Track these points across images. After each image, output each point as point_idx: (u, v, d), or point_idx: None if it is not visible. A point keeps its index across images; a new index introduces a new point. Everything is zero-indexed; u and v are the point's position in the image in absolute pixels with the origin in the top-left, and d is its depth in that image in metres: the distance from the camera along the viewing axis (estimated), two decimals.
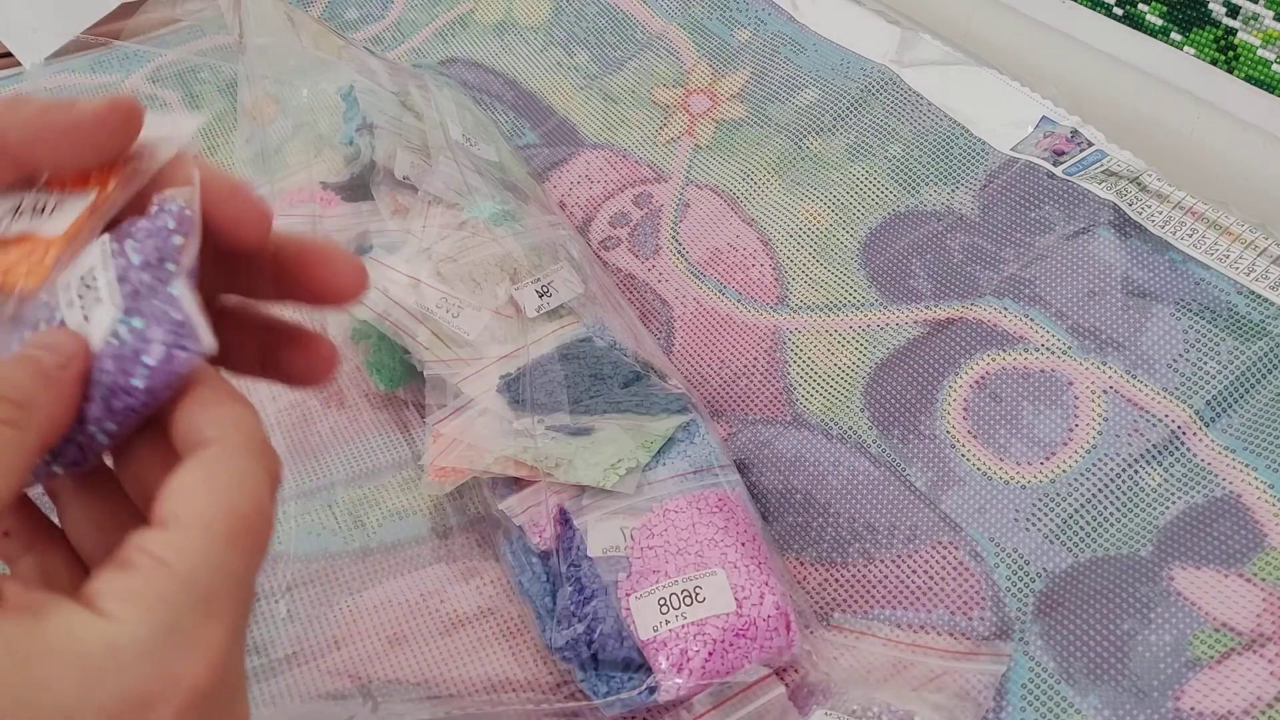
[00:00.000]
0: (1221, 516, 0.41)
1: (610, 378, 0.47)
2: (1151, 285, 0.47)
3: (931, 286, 0.51)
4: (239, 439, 0.23)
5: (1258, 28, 0.49)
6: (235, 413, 0.23)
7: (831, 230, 0.55)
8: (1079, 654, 0.39)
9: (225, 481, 0.22)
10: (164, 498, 0.22)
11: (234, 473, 0.22)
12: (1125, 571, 0.41)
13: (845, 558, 0.44)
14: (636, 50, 0.66)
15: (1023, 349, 0.47)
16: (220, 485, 0.22)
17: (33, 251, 0.25)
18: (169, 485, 0.22)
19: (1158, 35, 0.54)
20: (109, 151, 0.25)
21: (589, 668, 0.39)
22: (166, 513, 0.22)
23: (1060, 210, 0.51)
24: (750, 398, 0.51)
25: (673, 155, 0.61)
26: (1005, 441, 0.45)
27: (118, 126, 0.25)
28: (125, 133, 0.25)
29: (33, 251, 0.25)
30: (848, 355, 0.51)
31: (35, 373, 0.22)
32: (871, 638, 0.41)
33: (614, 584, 0.40)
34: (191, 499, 0.22)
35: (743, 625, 0.39)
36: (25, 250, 0.25)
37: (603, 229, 0.59)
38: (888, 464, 0.46)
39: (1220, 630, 0.38)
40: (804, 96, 0.61)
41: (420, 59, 0.71)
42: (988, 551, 0.43)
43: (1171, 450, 0.43)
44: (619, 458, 0.43)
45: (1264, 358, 0.44)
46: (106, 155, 0.25)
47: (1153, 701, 0.37)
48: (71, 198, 0.26)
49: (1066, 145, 0.54)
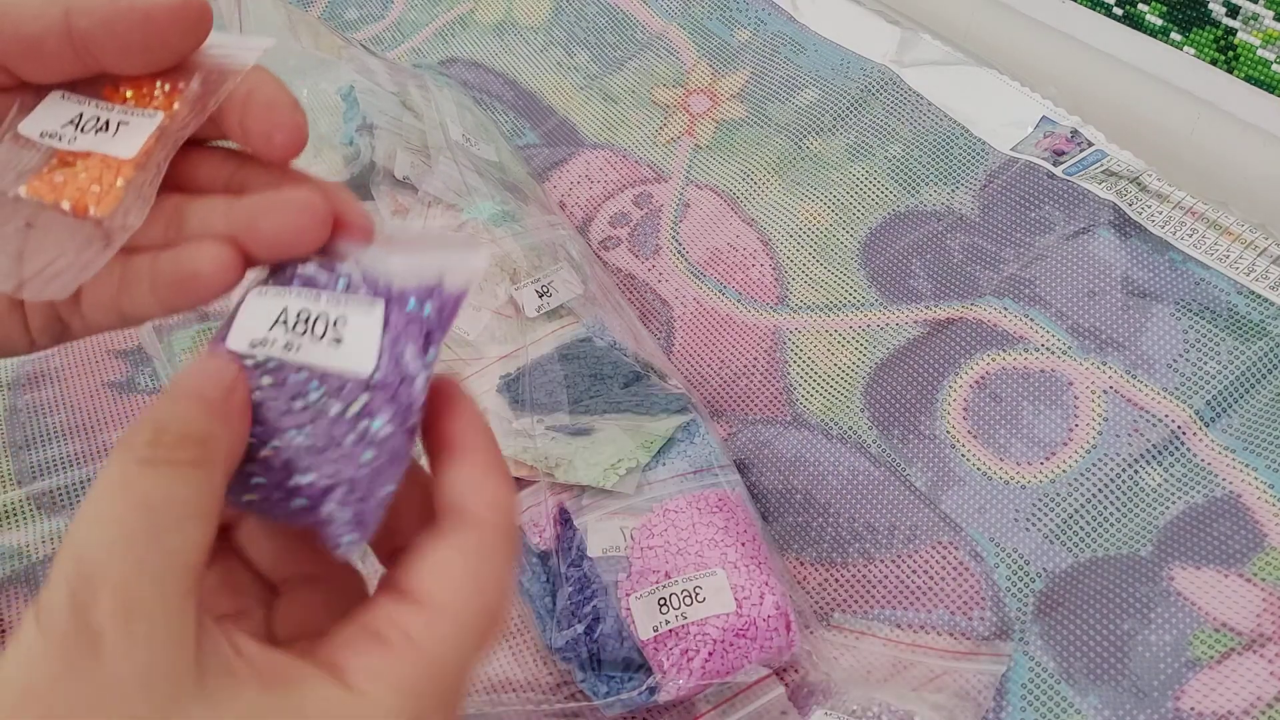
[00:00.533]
0: (1221, 516, 0.41)
1: (610, 378, 0.47)
2: (1151, 285, 0.47)
3: (931, 286, 0.51)
4: (504, 527, 0.22)
5: (1258, 28, 0.49)
6: (504, 493, 0.22)
7: (831, 230, 0.55)
8: (1079, 654, 0.39)
9: (486, 572, 0.21)
10: (421, 571, 0.21)
11: (494, 565, 0.22)
12: (1125, 571, 0.41)
13: (845, 558, 0.44)
14: (636, 50, 0.66)
15: (1023, 349, 0.47)
16: (481, 576, 0.21)
17: (103, 173, 0.24)
18: (428, 558, 0.22)
19: (1158, 35, 0.54)
20: (177, 52, 0.24)
21: (589, 668, 0.39)
22: (423, 590, 0.21)
23: (1060, 210, 0.51)
24: (750, 398, 0.51)
25: (673, 155, 0.61)
26: (1005, 441, 0.45)
27: (189, 26, 0.24)
28: (195, 34, 0.24)
29: (103, 173, 0.24)
30: (848, 355, 0.51)
31: (203, 406, 0.21)
32: (871, 638, 0.41)
33: (614, 584, 0.40)
34: (451, 583, 0.21)
35: (743, 625, 0.39)
36: (94, 171, 0.24)
37: (603, 229, 0.59)
38: (888, 464, 0.46)
39: (1220, 630, 0.38)
40: (804, 96, 0.61)
41: (420, 59, 0.71)
42: (988, 551, 0.43)
43: (1171, 450, 0.43)
44: (619, 458, 0.43)
45: (1264, 358, 0.44)
46: (174, 56, 0.24)
47: (1153, 701, 0.37)
48: (137, 116, 0.24)
49: (1066, 145, 0.54)
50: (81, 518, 0.19)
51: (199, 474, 0.20)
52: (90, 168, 0.24)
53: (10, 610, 0.43)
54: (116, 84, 0.25)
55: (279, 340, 0.22)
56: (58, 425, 0.49)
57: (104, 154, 0.24)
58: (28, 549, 0.45)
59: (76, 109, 0.25)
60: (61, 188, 0.24)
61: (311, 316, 0.22)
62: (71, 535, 0.19)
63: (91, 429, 0.49)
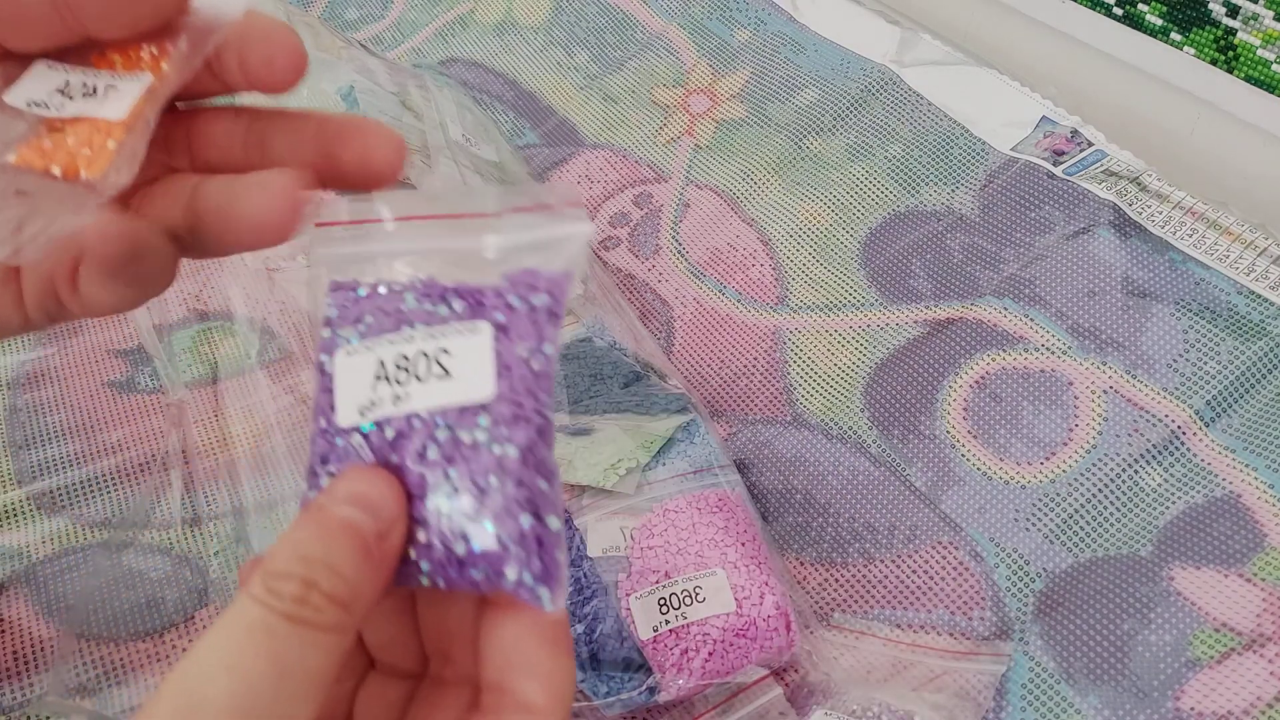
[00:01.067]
0: (1221, 516, 0.41)
1: (610, 378, 0.47)
2: (1151, 285, 0.47)
3: (931, 286, 0.51)
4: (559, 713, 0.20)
5: (1258, 28, 0.49)
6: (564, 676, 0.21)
7: (831, 230, 0.55)
8: (1079, 654, 0.39)
9: None
10: None
11: None
12: (1125, 571, 0.41)
13: (845, 558, 0.44)
14: (636, 50, 0.66)
15: (1023, 349, 0.47)
16: None
17: (93, 136, 0.23)
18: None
19: (1158, 35, 0.54)
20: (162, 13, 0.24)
21: (589, 668, 0.39)
22: None
23: (1060, 210, 0.51)
24: (750, 398, 0.51)
25: (673, 155, 0.61)
26: (1005, 441, 0.45)
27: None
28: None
29: (93, 136, 0.23)
30: (848, 355, 0.51)
31: (358, 553, 0.19)
32: (871, 638, 0.41)
33: (614, 584, 0.40)
34: None
35: (743, 625, 0.39)
36: (84, 135, 0.23)
37: (603, 229, 0.59)
38: (888, 464, 0.46)
39: (1220, 630, 0.38)
40: (804, 96, 0.61)
41: (420, 59, 0.71)
42: (988, 551, 0.43)
43: (1171, 450, 0.43)
44: (619, 458, 0.43)
45: (1264, 358, 0.44)
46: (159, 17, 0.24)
47: (1153, 701, 0.37)
48: (125, 79, 0.24)
49: (1066, 145, 0.54)
50: (209, 649, 0.18)
51: (338, 641, 0.19)
52: (79, 132, 0.24)
53: (10, 610, 0.43)
54: (103, 51, 0.25)
55: (386, 396, 0.20)
56: (58, 425, 0.49)
57: (93, 118, 0.24)
58: (28, 549, 0.45)
59: (63, 77, 0.24)
60: (51, 153, 0.23)
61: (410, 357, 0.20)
62: (195, 663, 0.18)
63: (91, 429, 0.49)
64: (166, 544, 0.46)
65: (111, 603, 0.43)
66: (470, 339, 0.20)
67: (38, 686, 0.41)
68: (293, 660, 0.18)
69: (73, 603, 0.43)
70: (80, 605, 0.43)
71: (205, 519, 0.47)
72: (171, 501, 0.47)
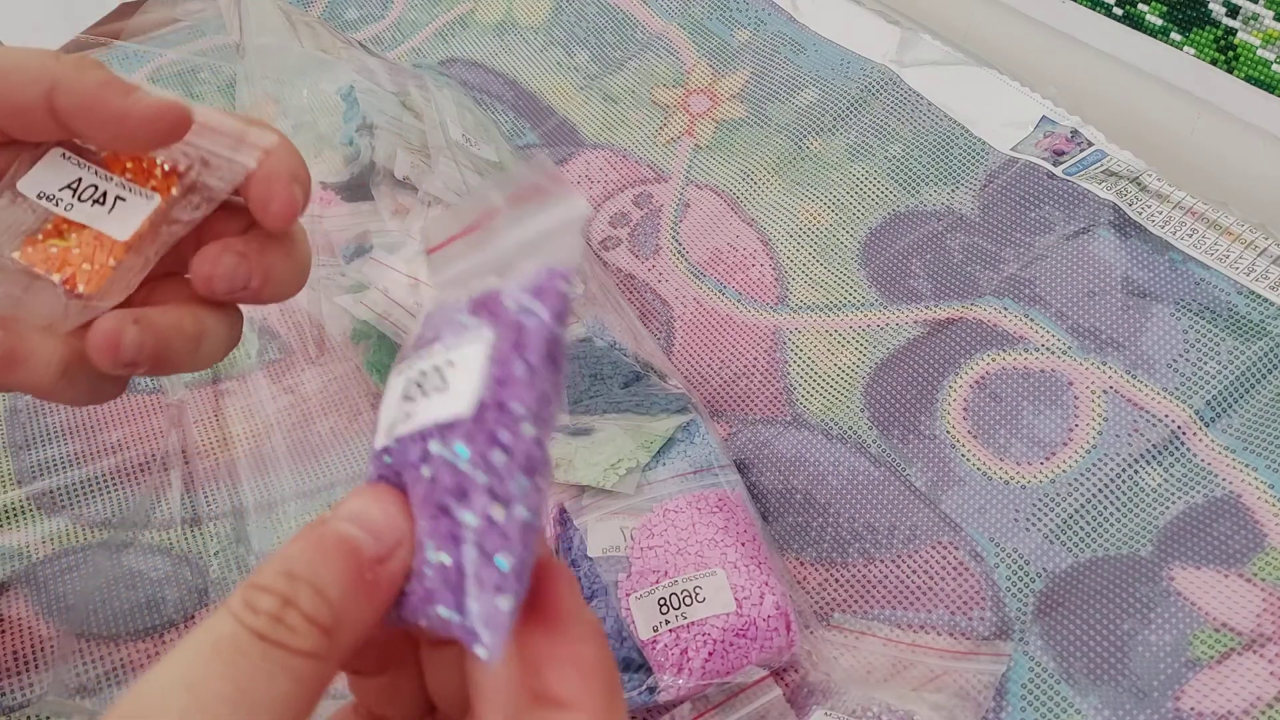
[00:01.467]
0: (1221, 516, 0.41)
1: (610, 378, 0.47)
2: (1151, 285, 0.47)
3: (931, 286, 0.51)
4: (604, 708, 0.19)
5: (1258, 28, 0.49)
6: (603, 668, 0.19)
7: (831, 230, 0.55)
8: (1079, 654, 0.39)
9: None
10: None
11: None
12: (1125, 571, 0.41)
13: (845, 558, 0.44)
14: (636, 50, 0.66)
15: (1023, 349, 0.47)
16: None
17: (96, 252, 0.25)
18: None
19: (1158, 35, 0.54)
20: (149, 147, 0.25)
21: None
22: None
23: (1060, 210, 0.51)
24: (750, 398, 0.51)
25: (673, 155, 0.61)
26: (1005, 441, 0.45)
27: (162, 132, 0.25)
28: (169, 137, 0.25)
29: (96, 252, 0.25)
30: (848, 355, 0.51)
31: (349, 574, 0.18)
32: (871, 638, 0.41)
33: (614, 584, 0.40)
34: None
35: (743, 625, 0.39)
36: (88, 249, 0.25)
37: (603, 229, 0.59)
38: (888, 464, 0.46)
39: (1220, 630, 0.38)
40: (804, 96, 0.61)
41: (420, 59, 0.71)
42: (988, 551, 0.43)
43: (1171, 450, 0.43)
44: (619, 458, 0.43)
45: (1264, 358, 0.44)
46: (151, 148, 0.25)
47: (1153, 701, 0.37)
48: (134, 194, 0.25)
49: (1066, 145, 0.54)
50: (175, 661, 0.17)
51: (314, 669, 0.17)
52: (84, 243, 0.25)
53: (10, 610, 0.43)
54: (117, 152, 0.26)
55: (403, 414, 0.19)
56: (58, 425, 0.49)
57: (98, 231, 0.25)
58: (28, 549, 0.45)
59: (76, 173, 0.25)
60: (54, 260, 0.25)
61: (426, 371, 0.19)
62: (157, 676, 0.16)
63: (91, 429, 0.49)
64: (166, 544, 0.46)
65: (111, 603, 0.43)
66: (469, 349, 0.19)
67: (38, 686, 0.41)
68: (257, 684, 0.16)
69: (73, 602, 0.43)
70: (80, 605, 0.43)
71: (205, 519, 0.47)
72: (171, 501, 0.47)
